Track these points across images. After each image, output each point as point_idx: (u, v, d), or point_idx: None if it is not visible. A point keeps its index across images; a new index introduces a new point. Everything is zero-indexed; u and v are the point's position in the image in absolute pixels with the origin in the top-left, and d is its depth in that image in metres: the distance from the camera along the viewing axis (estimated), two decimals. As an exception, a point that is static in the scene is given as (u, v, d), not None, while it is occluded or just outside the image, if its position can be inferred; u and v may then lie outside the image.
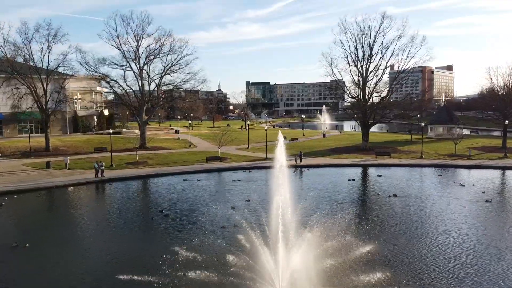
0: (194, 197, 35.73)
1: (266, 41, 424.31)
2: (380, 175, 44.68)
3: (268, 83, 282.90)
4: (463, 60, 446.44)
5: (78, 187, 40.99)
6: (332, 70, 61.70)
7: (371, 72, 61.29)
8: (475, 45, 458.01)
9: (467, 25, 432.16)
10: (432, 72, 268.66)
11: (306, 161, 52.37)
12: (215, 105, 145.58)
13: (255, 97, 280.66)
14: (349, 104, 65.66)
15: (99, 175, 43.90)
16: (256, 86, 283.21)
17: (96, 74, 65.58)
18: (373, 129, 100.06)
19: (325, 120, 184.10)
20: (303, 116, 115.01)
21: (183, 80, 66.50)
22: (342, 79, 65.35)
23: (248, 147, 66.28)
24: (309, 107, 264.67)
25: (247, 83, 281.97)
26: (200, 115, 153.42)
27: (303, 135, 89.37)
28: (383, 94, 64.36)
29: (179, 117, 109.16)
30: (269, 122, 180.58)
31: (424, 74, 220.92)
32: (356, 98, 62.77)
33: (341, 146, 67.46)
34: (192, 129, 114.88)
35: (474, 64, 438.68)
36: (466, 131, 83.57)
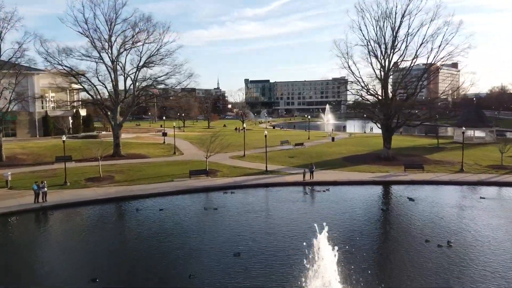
0: (163, 246, 24.16)
1: (265, 39, 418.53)
2: (411, 199, 33.20)
3: (268, 81, 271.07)
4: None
5: (6, 218, 29.50)
6: (347, 61, 50.13)
7: (394, 64, 49.77)
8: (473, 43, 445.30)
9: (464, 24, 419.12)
10: (439, 69, 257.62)
11: (318, 175, 40.83)
12: (211, 104, 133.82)
13: (254, 95, 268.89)
14: (368, 102, 53.78)
15: (40, 199, 32.45)
16: (255, 84, 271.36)
17: (62, 67, 53.89)
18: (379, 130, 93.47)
19: (328, 119, 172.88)
20: (308, 116, 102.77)
21: (167, 74, 54.95)
22: (350, 73, 53.71)
23: (244, 155, 54.78)
24: (310, 106, 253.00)
25: (246, 81, 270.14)
26: (195, 115, 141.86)
27: (308, 138, 77.80)
28: (402, 92, 52.84)
29: (164, 118, 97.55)
30: (268, 122, 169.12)
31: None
32: (376, 95, 51.21)
33: (357, 154, 55.89)
34: (184, 131, 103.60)
35: (472, 63, 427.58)
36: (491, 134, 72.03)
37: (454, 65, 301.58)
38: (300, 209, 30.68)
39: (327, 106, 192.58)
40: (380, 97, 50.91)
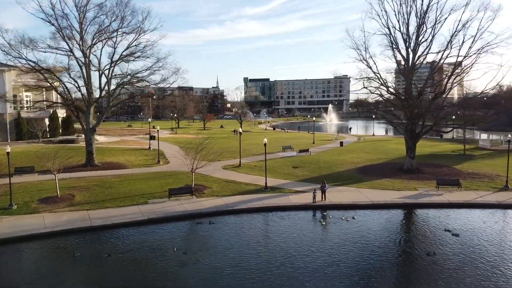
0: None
1: (264, 38, 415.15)
2: (456, 234, 24.84)
3: (268, 79, 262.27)
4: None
5: None
6: (364, 53, 41.52)
7: (419, 56, 41.30)
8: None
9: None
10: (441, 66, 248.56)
11: (331, 193, 32.36)
12: (206, 103, 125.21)
13: (254, 94, 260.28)
14: (389, 102, 45.27)
15: (-38, 233, 24.08)
16: (255, 83, 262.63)
17: (26, 62, 45.27)
18: (380, 132, 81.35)
19: (331, 119, 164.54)
20: (313, 118, 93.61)
21: (149, 69, 46.36)
22: (367, 67, 45.21)
23: (240, 165, 46.35)
24: (312, 106, 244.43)
25: (245, 79, 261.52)
26: (191, 115, 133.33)
27: (313, 142, 69.35)
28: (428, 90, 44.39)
29: (149, 119, 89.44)
30: (268, 122, 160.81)
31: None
32: (398, 94, 42.75)
33: (373, 163, 47.46)
34: (176, 133, 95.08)
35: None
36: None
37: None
38: (320, 260, 21.02)
39: (330, 106, 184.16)
40: (402, 96, 42.43)
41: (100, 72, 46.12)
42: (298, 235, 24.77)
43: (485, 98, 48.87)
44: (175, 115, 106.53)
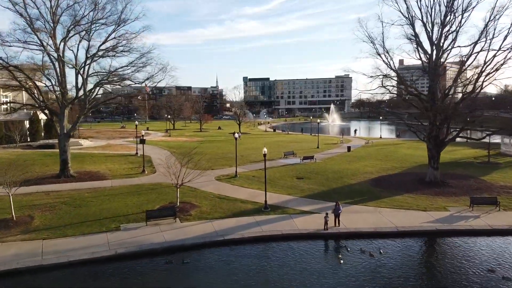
0: None
1: (264, 38, 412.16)
2: (508, 278, 18.99)
3: (268, 79, 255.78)
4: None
5: None
6: (382, 46, 35.54)
7: (445, 50, 35.36)
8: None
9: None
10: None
11: (346, 215, 26.35)
12: (202, 103, 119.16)
13: (253, 94, 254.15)
14: (410, 103, 39.35)
15: None
16: (254, 82, 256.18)
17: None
18: (386, 134, 74.03)
19: (333, 120, 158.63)
20: (317, 119, 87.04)
21: (131, 66, 40.41)
22: (384, 63, 39.36)
23: (236, 175, 40.45)
24: (313, 105, 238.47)
25: (245, 78, 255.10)
26: (188, 115, 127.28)
27: (317, 147, 63.42)
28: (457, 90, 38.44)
29: (146, 119, 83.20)
30: (268, 122, 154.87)
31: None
32: (420, 94, 36.84)
33: (389, 173, 41.53)
34: (170, 135, 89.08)
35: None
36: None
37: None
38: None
39: (332, 106, 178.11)
40: (425, 97, 36.50)
41: (77, 69, 40.19)
42: (310, 283, 18.81)
43: None
44: (169, 116, 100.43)
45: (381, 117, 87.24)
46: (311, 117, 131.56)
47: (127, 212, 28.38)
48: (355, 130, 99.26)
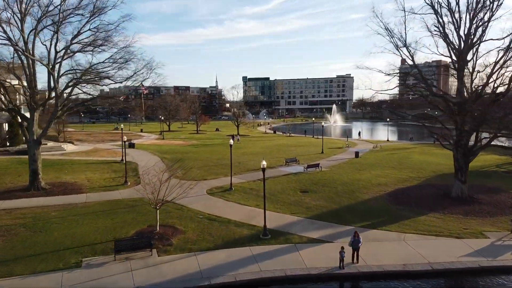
0: None
1: (264, 38, 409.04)
2: None
3: (268, 78, 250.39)
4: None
5: None
6: (405, 38, 30.27)
7: (475, 43, 30.09)
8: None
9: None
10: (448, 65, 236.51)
11: (364, 244, 21.00)
12: (199, 104, 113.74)
13: (253, 94, 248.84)
14: (433, 106, 34.10)
15: None
16: (254, 82, 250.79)
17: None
18: (390, 135, 61.26)
19: (335, 121, 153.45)
20: (322, 121, 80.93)
21: (112, 61, 35.06)
22: (407, 57, 33.99)
23: (230, 187, 35.17)
24: (313, 106, 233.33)
25: (244, 78, 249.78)
26: (186, 116, 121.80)
27: (322, 152, 58.14)
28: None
29: (131, 121, 77.94)
30: (268, 123, 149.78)
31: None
32: (446, 95, 31.57)
33: (406, 186, 36.21)
34: (164, 138, 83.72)
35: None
36: None
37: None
38: None
39: (334, 106, 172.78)
40: (453, 98, 31.20)
41: (47, 67, 34.85)
42: None
43: None
44: (162, 117, 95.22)
45: (388, 119, 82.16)
46: (313, 118, 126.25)
47: (95, 240, 23.12)
48: (359, 132, 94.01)
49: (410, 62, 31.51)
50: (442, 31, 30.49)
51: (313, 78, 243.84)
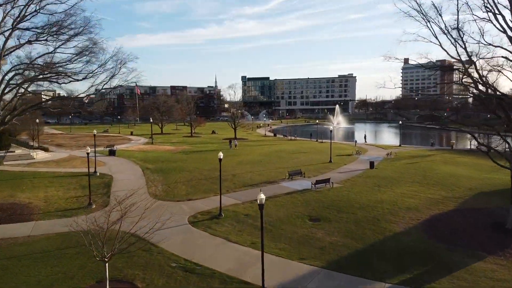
0: None
1: (264, 38, 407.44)
2: None
3: (267, 78, 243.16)
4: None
5: None
6: (457, 23, 22.94)
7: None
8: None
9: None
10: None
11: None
12: (193, 105, 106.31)
13: (253, 94, 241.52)
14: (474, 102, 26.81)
15: None
16: (254, 82, 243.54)
17: None
18: (396, 139, 58.32)
19: (338, 122, 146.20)
20: (331, 127, 72.33)
21: (61, 47, 27.60)
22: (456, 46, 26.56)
23: (220, 214, 27.67)
24: (315, 106, 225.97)
25: (243, 78, 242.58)
26: (180, 117, 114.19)
27: (330, 160, 50.64)
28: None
29: (125, 122, 70.48)
30: (268, 125, 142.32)
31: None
32: (499, 93, 24.26)
33: (442, 212, 28.65)
34: (153, 142, 76.12)
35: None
36: None
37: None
38: None
39: (337, 107, 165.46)
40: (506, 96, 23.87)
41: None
42: None
43: None
44: (151, 120, 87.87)
45: (400, 122, 74.82)
46: (316, 120, 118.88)
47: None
48: (365, 136, 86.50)
49: (455, 54, 24.03)
50: (498, 13, 23.05)
51: (314, 78, 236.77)
